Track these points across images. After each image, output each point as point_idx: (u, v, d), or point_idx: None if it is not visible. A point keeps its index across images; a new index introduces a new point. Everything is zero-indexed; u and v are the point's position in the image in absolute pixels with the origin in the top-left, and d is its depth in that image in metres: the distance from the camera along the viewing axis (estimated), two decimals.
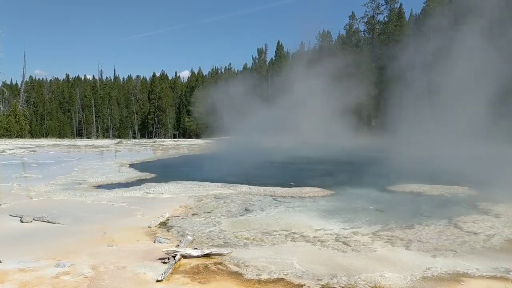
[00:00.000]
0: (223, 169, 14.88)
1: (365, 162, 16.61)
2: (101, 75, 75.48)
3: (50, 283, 4.09)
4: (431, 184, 10.21)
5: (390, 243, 5.57)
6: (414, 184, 10.38)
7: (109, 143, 33.84)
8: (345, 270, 4.49)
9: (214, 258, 4.86)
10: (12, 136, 39.07)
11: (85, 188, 10.38)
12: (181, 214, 7.41)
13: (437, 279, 4.27)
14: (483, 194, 8.92)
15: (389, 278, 4.26)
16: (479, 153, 14.75)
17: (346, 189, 9.96)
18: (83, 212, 7.45)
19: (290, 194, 9.24)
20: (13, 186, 10.63)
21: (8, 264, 4.63)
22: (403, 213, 7.48)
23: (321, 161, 17.50)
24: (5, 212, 7.36)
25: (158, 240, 5.63)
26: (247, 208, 7.77)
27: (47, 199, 8.89)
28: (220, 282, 4.18)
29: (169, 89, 71.14)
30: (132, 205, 8.08)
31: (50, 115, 64.71)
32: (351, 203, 8.39)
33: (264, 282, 4.17)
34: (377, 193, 9.63)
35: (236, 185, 10.45)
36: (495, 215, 7.15)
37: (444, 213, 7.39)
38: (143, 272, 4.40)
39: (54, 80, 77.45)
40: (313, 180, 11.06)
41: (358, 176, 12.29)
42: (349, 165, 16.07)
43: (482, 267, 4.58)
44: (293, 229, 6.23)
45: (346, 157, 19.07)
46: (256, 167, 14.96)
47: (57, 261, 4.68)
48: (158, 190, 9.85)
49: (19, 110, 43.09)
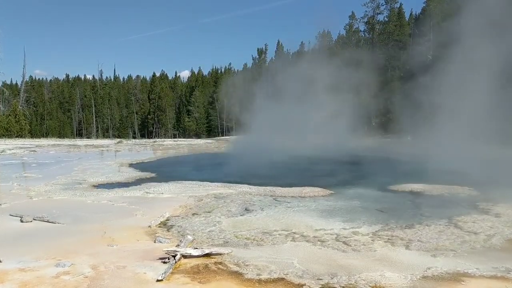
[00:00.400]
0: (223, 169, 14.88)
1: (369, 161, 16.62)
2: (101, 75, 75.48)
3: (50, 283, 4.09)
4: (431, 184, 10.20)
5: (390, 242, 5.57)
6: (414, 184, 10.37)
7: (109, 143, 33.82)
8: (346, 270, 4.48)
9: (214, 257, 4.86)
10: (12, 136, 39.03)
11: (85, 188, 10.38)
12: (181, 213, 7.41)
13: (438, 279, 4.27)
14: (483, 194, 8.92)
15: (389, 278, 4.26)
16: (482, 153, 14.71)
17: (346, 188, 9.95)
18: (83, 212, 7.45)
19: (290, 194, 9.24)
20: (13, 186, 10.62)
21: (8, 263, 4.63)
22: (403, 213, 7.49)
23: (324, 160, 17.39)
24: (5, 212, 7.36)
25: (158, 239, 5.63)
26: (247, 208, 7.77)
27: (47, 199, 8.89)
28: (221, 281, 4.18)
29: (169, 89, 71.14)
30: (132, 205, 8.08)
31: (50, 115, 64.67)
32: (351, 202, 8.39)
33: (264, 282, 4.17)
34: (377, 192, 9.64)
35: (236, 184, 10.44)
36: (495, 215, 7.15)
37: (444, 213, 7.39)
38: (143, 272, 4.40)
39: (54, 80, 77.45)
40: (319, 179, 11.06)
41: (361, 176, 12.30)
42: (351, 165, 16.04)
43: (482, 267, 4.58)
44: (293, 229, 6.23)
45: (347, 157, 19.03)
46: (254, 166, 14.92)
47: (57, 261, 4.68)
48: (158, 190, 9.85)
49: (19, 110, 43.04)
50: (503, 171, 11.19)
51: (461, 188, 9.74)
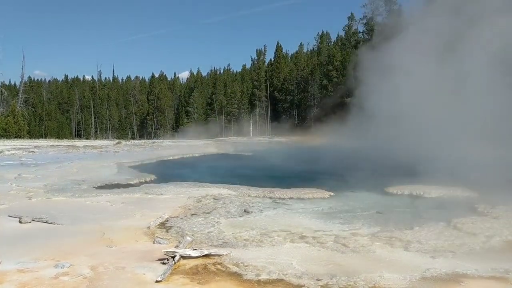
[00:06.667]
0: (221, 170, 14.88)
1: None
2: (100, 76, 75.50)
3: (49, 284, 4.09)
4: (431, 185, 10.20)
5: (389, 244, 5.58)
6: (413, 185, 10.37)
7: (108, 143, 33.77)
8: (345, 271, 4.49)
9: (213, 258, 4.85)
10: (11, 136, 38.91)
11: (84, 188, 10.35)
12: (180, 214, 7.40)
13: (436, 280, 4.27)
14: (482, 196, 8.93)
15: (388, 279, 4.26)
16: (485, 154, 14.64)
17: (345, 190, 9.95)
18: (82, 213, 7.43)
19: (289, 195, 9.24)
20: (12, 186, 10.59)
21: (7, 264, 4.62)
22: (402, 215, 7.49)
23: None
24: (3, 213, 7.34)
25: (157, 240, 5.63)
26: (246, 209, 7.76)
27: (46, 199, 8.87)
28: (220, 282, 4.18)
29: (168, 90, 71.16)
30: (131, 206, 8.07)
31: (49, 116, 64.61)
32: (350, 204, 8.40)
33: (263, 283, 4.17)
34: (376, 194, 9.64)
35: (235, 186, 10.44)
36: (493, 217, 7.15)
37: (443, 214, 7.39)
38: (142, 273, 4.39)
39: (53, 80, 77.51)
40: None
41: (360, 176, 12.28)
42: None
43: (481, 268, 4.59)
44: (292, 230, 6.23)
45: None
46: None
47: (56, 262, 4.67)
48: (157, 190, 9.84)
49: (17, 110, 42.94)
50: (504, 172, 11.13)
51: (460, 189, 9.68)
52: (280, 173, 14.52)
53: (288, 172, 14.71)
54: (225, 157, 22.46)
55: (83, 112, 68.51)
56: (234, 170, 15.44)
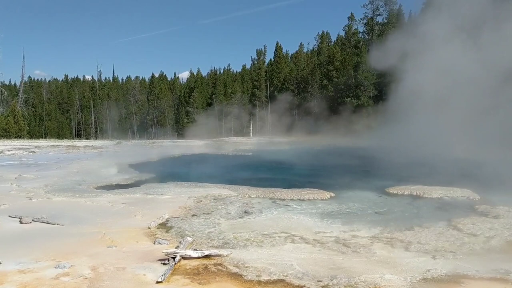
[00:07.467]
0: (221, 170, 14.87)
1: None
2: (100, 76, 75.36)
3: (50, 284, 4.08)
4: (431, 186, 10.20)
5: (390, 245, 5.58)
6: (413, 185, 10.37)
7: (108, 143, 33.78)
8: (345, 272, 4.48)
9: (214, 259, 4.85)
10: (11, 136, 38.95)
11: (84, 189, 10.36)
12: (181, 215, 7.40)
13: (437, 281, 4.27)
14: (482, 196, 8.93)
15: (389, 280, 4.26)
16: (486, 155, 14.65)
17: (346, 190, 9.95)
18: (82, 213, 7.43)
19: (289, 196, 9.24)
20: (12, 187, 10.59)
21: (7, 265, 4.62)
22: (402, 215, 7.49)
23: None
24: (4, 213, 7.34)
25: (157, 241, 5.63)
26: (247, 210, 7.76)
27: (46, 200, 8.87)
28: (220, 283, 4.18)
29: (168, 90, 71.09)
30: (131, 206, 8.06)
31: (49, 116, 64.55)
32: (350, 205, 8.39)
33: (264, 283, 4.17)
34: (377, 195, 9.64)
35: (235, 186, 10.44)
36: (494, 217, 7.16)
37: (443, 215, 7.40)
38: (143, 273, 4.39)
39: (53, 80, 77.41)
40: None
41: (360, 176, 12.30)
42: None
43: (482, 269, 4.59)
44: (293, 231, 6.23)
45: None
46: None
47: (57, 262, 4.67)
48: (157, 191, 9.84)
49: (18, 110, 42.98)
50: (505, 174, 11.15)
51: (460, 190, 9.70)
52: (280, 173, 14.54)
53: (288, 172, 14.71)
54: (225, 157, 22.45)
55: (83, 112, 68.44)
56: (234, 170, 15.43)
